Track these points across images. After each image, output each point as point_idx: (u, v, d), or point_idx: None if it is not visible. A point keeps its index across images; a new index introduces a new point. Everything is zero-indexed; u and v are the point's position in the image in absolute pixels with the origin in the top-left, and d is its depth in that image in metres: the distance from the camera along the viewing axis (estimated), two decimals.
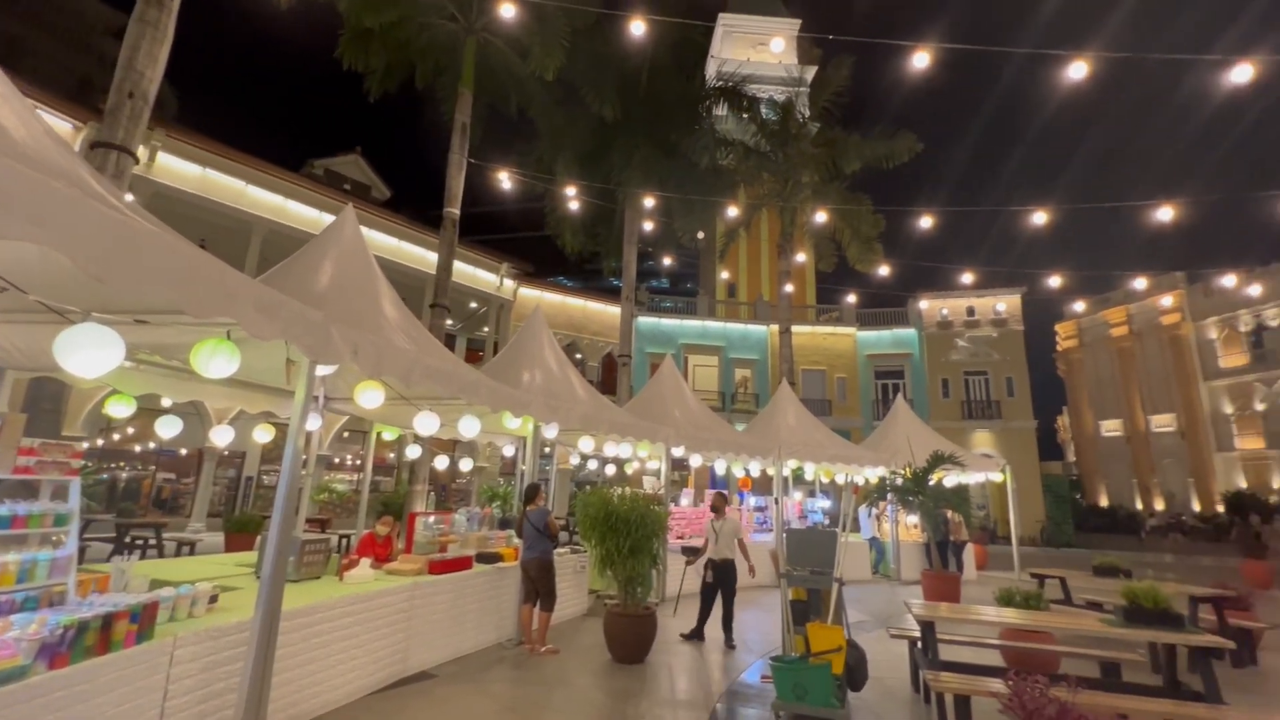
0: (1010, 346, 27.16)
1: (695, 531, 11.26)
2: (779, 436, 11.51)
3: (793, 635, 4.73)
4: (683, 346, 26.87)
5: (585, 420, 7.27)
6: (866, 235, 17.34)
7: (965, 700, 3.83)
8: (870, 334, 28.45)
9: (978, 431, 26.40)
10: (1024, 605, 5.63)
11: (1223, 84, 7.21)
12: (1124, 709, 4.01)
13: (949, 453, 10.71)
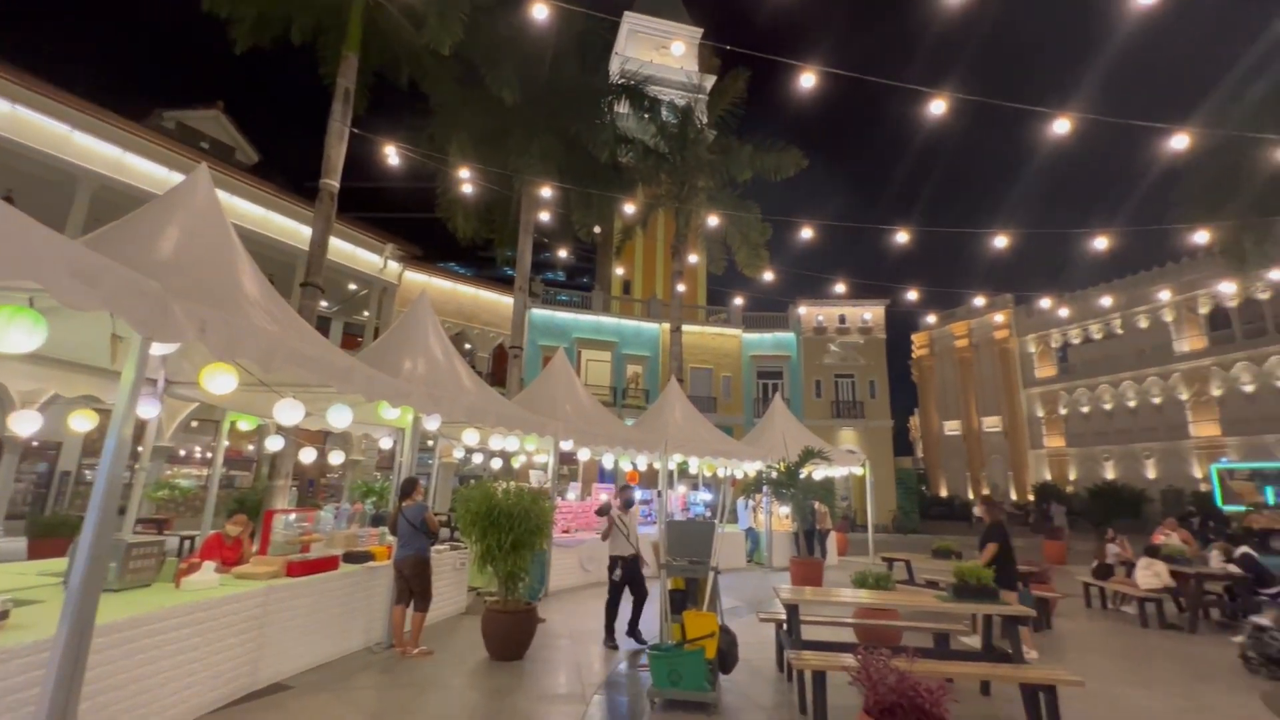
0: (874, 353, 29.90)
1: (582, 525, 11.28)
2: (666, 432, 11.84)
3: (670, 624, 4.88)
4: (576, 340, 26.79)
5: (471, 412, 7.02)
6: (754, 242, 18.29)
7: (822, 675, 4.17)
8: (754, 336, 30.04)
9: (844, 429, 28.81)
10: (875, 586, 6.24)
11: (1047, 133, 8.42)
12: (951, 673, 4.56)
13: (819, 448, 11.58)
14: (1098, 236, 11.33)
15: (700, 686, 4.33)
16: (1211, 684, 5.66)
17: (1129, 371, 32.18)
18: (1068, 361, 35.87)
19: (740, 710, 4.58)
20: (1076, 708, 4.55)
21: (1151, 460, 30.86)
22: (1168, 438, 30.24)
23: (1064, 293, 32.80)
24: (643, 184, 18.75)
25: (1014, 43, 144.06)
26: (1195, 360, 29.46)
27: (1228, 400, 28.26)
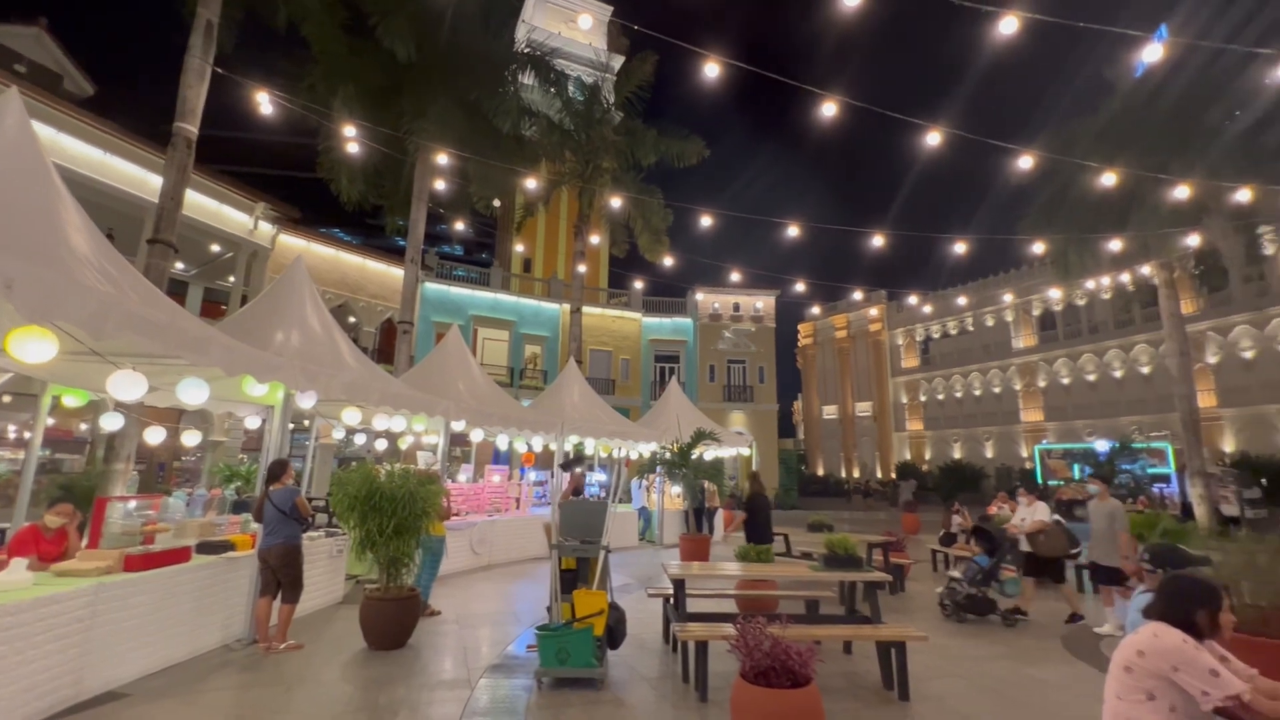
0: (764, 340, 31.53)
1: (474, 508, 10.99)
2: (563, 413, 11.78)
3: (560, 603, 4.90)
4: (472, 318, 25.83)
5: (352, 389, 6.54)
6: (656, 227, 18.50)
7: (704, 645, 4.39)
8: (654, 320, 30.56)
9: (734, 412, 30.21)
10: (755, 559, 6.62)
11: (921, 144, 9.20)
12: (819, 636, 4.97)
13: (710, 430, 12.05)
14: (958, 242, 12.64)
15: (587, 663, 4.39)
16: (1030, 633, 6.63)
17: (976, 364, 36.44)
18: (929, 354, 39.95)
19: (627, 683, 4.70)
20: (919, 659, 5.13)
21: (990, 442, 35.29)
22: (1003, 423, 34.69)
23: (928, 292, 36.34)
24: (546, 160, 18.28)
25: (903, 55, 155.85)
26: (1027, 356, 33.94)
27: (1050, 391, 32.89)
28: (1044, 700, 4.59)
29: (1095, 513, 7.23)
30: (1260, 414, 24.52)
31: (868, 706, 4.37)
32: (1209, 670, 2.27)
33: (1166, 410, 22.07)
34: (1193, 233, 13.42)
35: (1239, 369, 25.37)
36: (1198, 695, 2.30)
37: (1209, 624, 2.41)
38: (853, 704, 4.40)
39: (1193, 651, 2.34)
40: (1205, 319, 25.75)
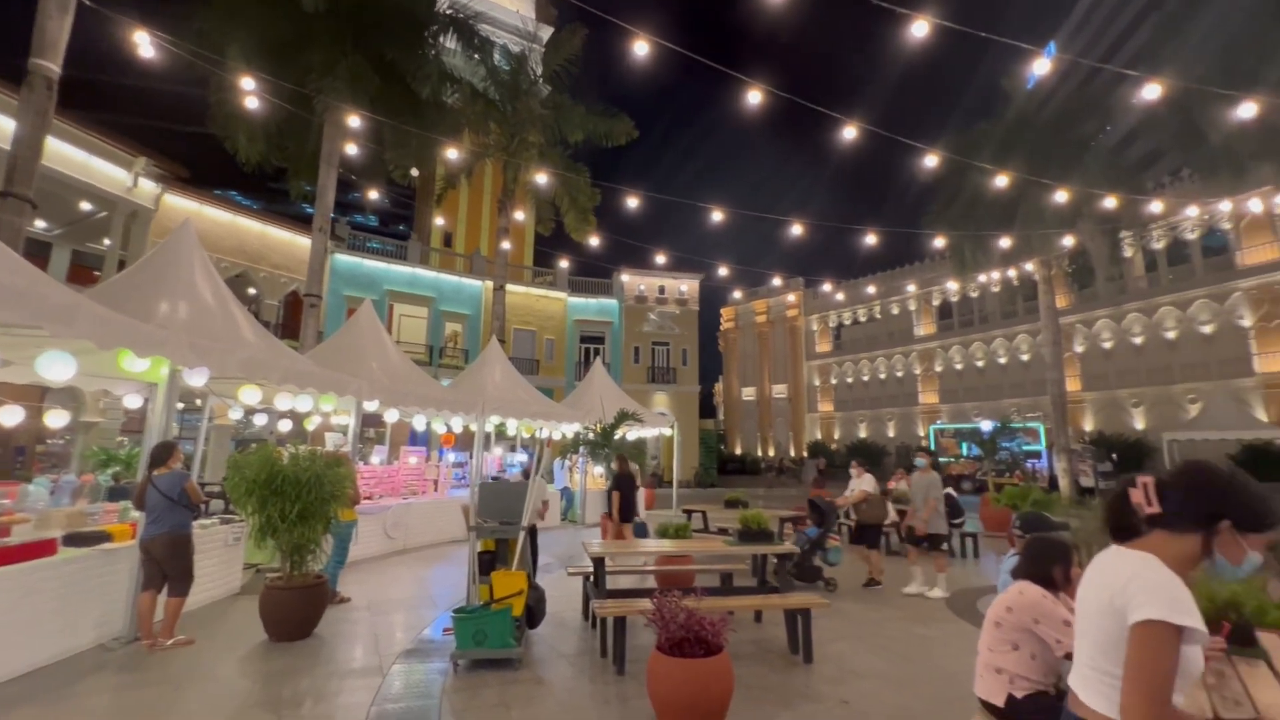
0: (688, 323, 32.12)
1: (387, 490, 10.58)
2: (484, 393, 11.51)
3: (478, 585, 4.84)
4: (388, 293, 24.57)
5: (250, 366, 6.08)
6: (583, 206, 18.27)
7: (622, 620, 4.49)
8: (579, 300, 30.33)
9: (658, 393, 30.69)
10: (675, 536, 6.83)
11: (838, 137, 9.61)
12: (732, 606, 5.22)
13: (633, 411, 12.18)
14: (869, 234, 13.36)
15: (505, 644, 4.39)
16: (921, 596, 7.24)
17: (883, 350, 38.91)
18: (841, 339, 42.21)
19: (545, 661, 4.74)
20: (822, 624, 5.50)
21: (892, 422, 37.94)
22: (904, 404, 37.36)
23: (842, 280, 38.25)
24: (469, 130, 17.52)
25: (829, 49, 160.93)
26: (926, 343, 36.61)
27: (945, 375, 35.72)
28: (928, 654, 5.06)
29: (916, 484, 7.62)
30: (1115, 398, 27.82)
31: (775, 670, 4.65)
32: (1063, 622, 2.61)
33: (1040, 394, 24.59)
34: (1068, 235, 14.88)
35: (1099, 358, 28.62)
36: (1052, 643, 2.64)
37: (1063, 578, 2.77)
38: (761, 668, 4.66)
39: (1050, 606, 2.68)
40: (1075, 313, 28.75)
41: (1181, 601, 1.30)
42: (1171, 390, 25.62)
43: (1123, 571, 1.40)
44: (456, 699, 3.99)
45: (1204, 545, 1.39)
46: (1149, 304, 26.85)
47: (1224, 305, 24.47)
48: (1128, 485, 1.50)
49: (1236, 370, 23.72)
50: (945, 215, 16.24)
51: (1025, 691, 2.67)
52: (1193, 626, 1.28)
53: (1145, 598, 1.33)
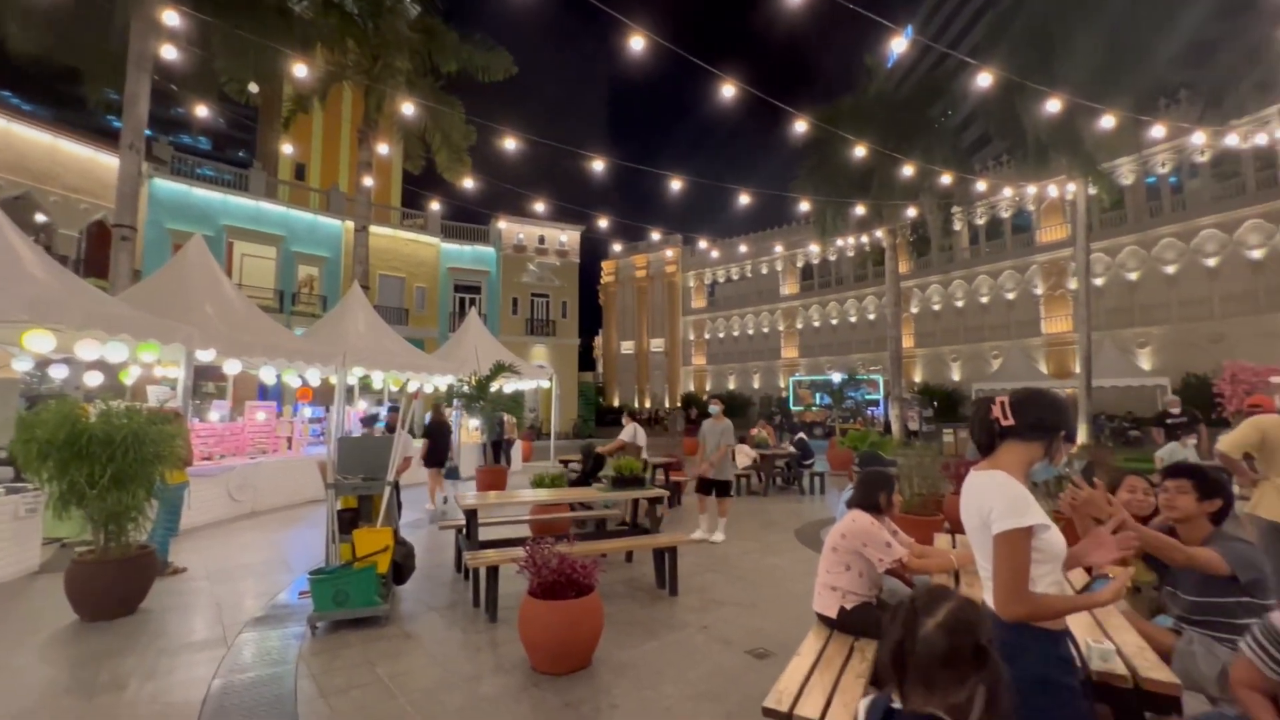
0: (568, 275, 31.73)
1: (230, 450, 9.55)
2: (346, 343, 10.64)
3: (339, 545, 4.59)
4: (227, 229, 21.50)
5: (38, 308, 5.08)
6: (457, 144, 17.04)
7: (494, 570, 4.51)
8: (453, 247, 28.68)
9: (536, 346, 30.28)
10: (550, 485, 6.91)
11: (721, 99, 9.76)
12: (605, 549, 5.42)
13: (510, 363, 11.94)
14: (743, 194, 13.89)
15: (370, 602, 4.23)
16: (773, 530, 8.01)
17: (752, 307, 41.30)
18: (715, 296, 44.10)
19: (415, 616, 4.65)
20: (687, 560, 5.93)
21: (757, 375, 40.78)
22: (768, 358, 40.24)
23: (717, 238, 39.65)
24: (323, 46, 15.43)
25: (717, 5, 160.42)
26: (790, 301, 39.42)
27: (804, 332, 38.86)
28: (778, 581, 5.66)
29: (709, 431, 7.30)
30: (939, 353, 32.05)
31: (642, 605, 4.95)
32: (885, 543, 3.03)
33: (882, 349, 27.61)
34: (911, 207, 16.53)
35: (930, 318, 32.66)
36: (875, 561, 3.06)
37: (887, 503, 3.22)
38: (630, 604, 4.94)
39: (876, 531, 3.11)
40: (912, 278, 32.34)
41: (1026, 508, 1.62)
42: (981, 347, 29.99)
43: (984, 494, 1.70)
44: (315, 662, 3.81)
45: (1045, 450, 1.72)
46: (970, 272, 30.89)
47: (1024, 276, 28.81)
48: (989, 402, 1.81)
49: (1028, 331, 28.26)
50: (810, 181, 17.30)
51: (854, 604, 3.10)
52: (1036, 523, 1.60)
53: (999, 513, 1.63)
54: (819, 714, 2.22)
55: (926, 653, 1.20)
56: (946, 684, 1.19)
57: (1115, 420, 21.15)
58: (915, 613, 1.25)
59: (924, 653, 1.20)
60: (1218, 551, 2.44)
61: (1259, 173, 22.20)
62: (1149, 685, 2.04)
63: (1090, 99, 11.26)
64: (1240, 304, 22.31)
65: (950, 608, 1.24)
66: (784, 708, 2.26)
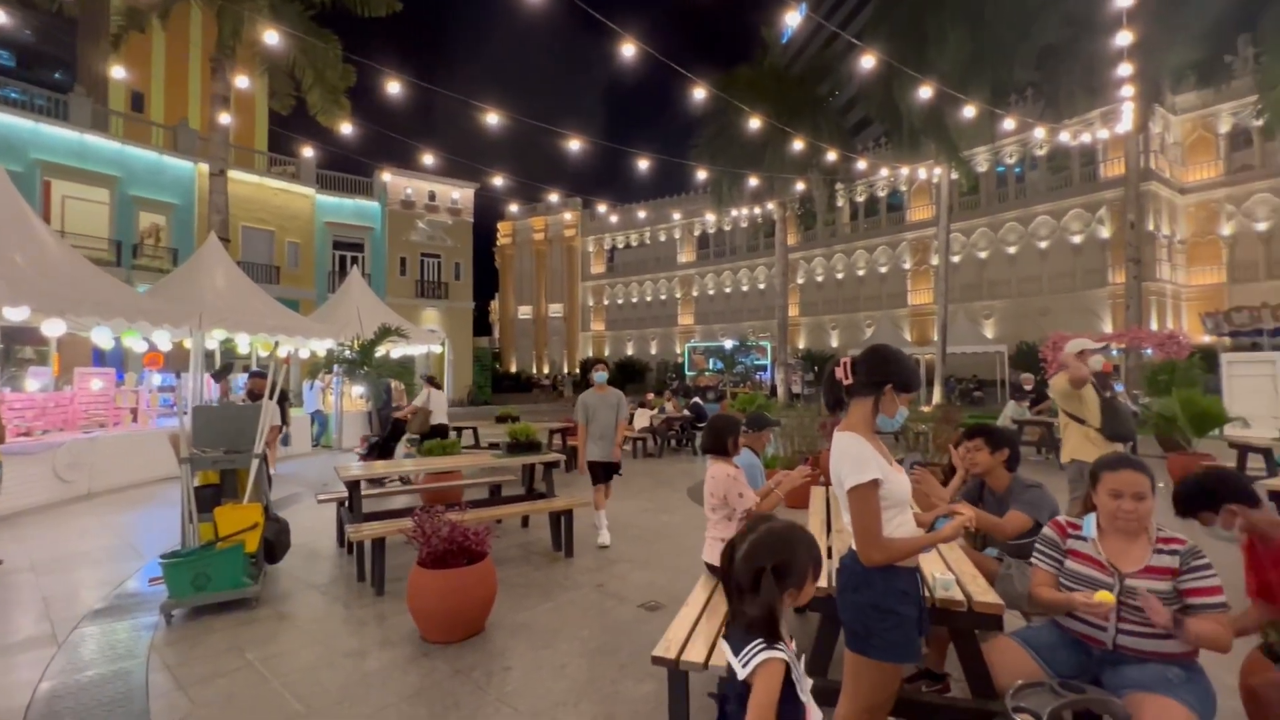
0: (461, 235, 30.20)
1: (57, 424, 8.27)
2: (202, 301, 9.49)
3: (198, 524, 4.15)
4: (41, 165, 18.10)
5: None
6: (333, 85, 15.36)
7: (380, 542, 4.31)
8: (332, 199, 26.24)
9: (428, 309, 28.77)
10: (441, 452, 6.67)
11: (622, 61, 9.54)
12: (500, 515, 5.36)
13: (397, 326, 11.26)
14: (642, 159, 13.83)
15: (236, 584, 3.89)
16: (667, 489, 8.31)
17: (650, 274, 41.77)
18: (614, 262, 44.05)
19: (292, 595, 4.36)
20: (583, 523, 6.01)
21: (655, 341, 41.60)
22: (665, 325, 41.11)
23: (617, 204, 39.41)
24: None
25: None
26: (687, 269, 40.31)
27: (699, 299, 40.02)
28: (671, 537, 5.91)
29: (599, 404, 5.77)
30: (820, 321, 34.39)
31: (538, 568, 4.97)
32: (739, 494, 3.25)
33: (770, 318, 29.07)
34: (800, 181, 17.33)
35: (813, 288, 34.84)
36: (737, 507, 3.29)
37: (733, 445, 3.44)
38: (526, 568, 4.95)
39: (731, 481, 3.33)
40: (799, 250, 34.19)
41: (867, 462, 1.80)
42: (856, 316, 32.53)
43: (837, 457, 1.89)
44: (171, 653, 3.46)
45: (874, 404, 1.88)
46: (850, 246, 33.18)
47: (895, 252, 31.42)
48: (834, 366, 1.96)
49: (897, 302, 31.02)
50: (708, 150, 17.58)
51: None
52: (878, 476, 1.79)
53: (846, 471, 1.82)
54: (704, 658, 2.36)
55: (735, 577, 1.51)
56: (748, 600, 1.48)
57: (963, 382, 23.96)
58: (732, 546, 1.55)
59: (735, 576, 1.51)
60: (1018, 509, 2.86)
61: (1082, 168, 25.61)
62: (979, 607, 2.36)
63: (956, 90, 12.30)
64: (1064, 282, 25.86)
65: (750, 539, 1.53)
66: (671, 655, 2.38)
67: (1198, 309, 22.17)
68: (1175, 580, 1.98)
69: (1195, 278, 25.17)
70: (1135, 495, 2.05)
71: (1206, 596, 1.94)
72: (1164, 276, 24.01)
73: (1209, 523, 2.28)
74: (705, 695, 2.55)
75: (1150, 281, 21.74)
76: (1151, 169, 22.17)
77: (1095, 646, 2.08)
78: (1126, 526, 2.07)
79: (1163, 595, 1.97)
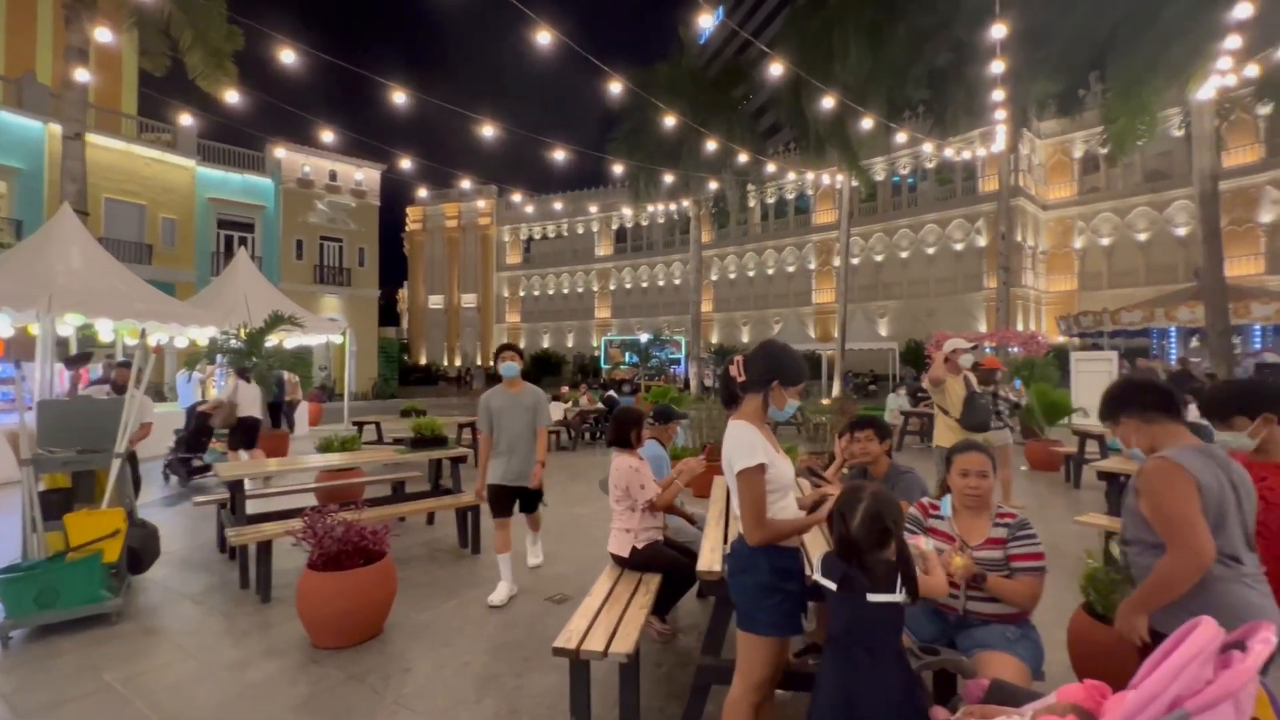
0: (366, 218, 28.51)
1: None
2: (53, 281, 8.38)
3: (43, 534, 3.68)
4: None
5: None
6: (217, 47, 13.92)
7: (267, 546, 4.02)
8: (216, 173, 23.90)
9: (327, 296, 26.97)
10: (341, 449, 6.31)
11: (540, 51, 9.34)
12: (403, 512, 5.17)
13: (290, 314, 10.50)
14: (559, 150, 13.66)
15: (92, 598, 3.50)
16: (579, 482, 8.30)
17: (567, 266, 41.44)
18: (530, 253, 43.29)
19: (163, 606, 3.98)
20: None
21: (571, 334, 41.37)
22: (582, 318, 40.98)
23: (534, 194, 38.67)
24: None
25: None
26: (605, 263, 40.35)
27: (616, 293, 40.20)
28: (581, 529, 5.94)
29: (508, 407, 4.21)
30: (732, 318, 35.61)
31: (443, 565, 4.84)
32: (641, 485, 3.35)
33: (685, 313, 29.76)
34: (713, 180, 17.81)
35: (726, 285, 35.99)
36: (639, 498, 3.38)
37: (637, 438, 3.55)
38: (430, 565, 4.80)
39: (634, 474, 3.42)
40: (713, 247, 35.18)
41: (755, 448, 1.92)
42: (766, 313, 33.98)
43: (727, 444, 1.99)
44: (8, 680, 3.05)
45: (764, 398, 2.00)
46: (761, 245, 34.55)
47: (802, 252, 33.08)
48: (728, 365, 2.07)
49: (803, 301, 32.71)
50: (626, 145, 17.66)
51: (645, 542, 3.39)
52: (764, 461, 1.91)
53: (735, 456, 1.92)
54: (603, 647, 2.41)
55: (856, 535, 1.74)
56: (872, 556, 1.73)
57: (860, 376, 25.70)
58: (841, 511, 1.79)
59: (856, 535, 1.74)
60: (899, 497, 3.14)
61: (964, 182, 28.14)
62: None
63: (856, 103, 13.10)
64: (948, 285, 28.33)
65: (862, 506, 1.76)
66: (572, 645, 2.42)
67: (1055, 312, 25.03)
68: (1005, 548, 2.26)
69: (1053, 285, 28.38)
70: (979, 473, 2.35)
71: (1027, 561, 2.25)
72: (1028, 283, 26.90)
73: (1242, 428, 2.13)
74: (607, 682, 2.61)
75: (1017, 287, 24.28)
76: (1020, 186, 24.72)
77: (949, 613, 2.34)
78: (973, 501, 2.37)
79: (996, 561, 2.25)
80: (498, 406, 4.21)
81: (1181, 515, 1.66)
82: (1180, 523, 1.65)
